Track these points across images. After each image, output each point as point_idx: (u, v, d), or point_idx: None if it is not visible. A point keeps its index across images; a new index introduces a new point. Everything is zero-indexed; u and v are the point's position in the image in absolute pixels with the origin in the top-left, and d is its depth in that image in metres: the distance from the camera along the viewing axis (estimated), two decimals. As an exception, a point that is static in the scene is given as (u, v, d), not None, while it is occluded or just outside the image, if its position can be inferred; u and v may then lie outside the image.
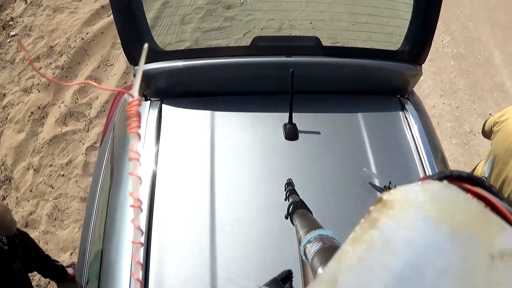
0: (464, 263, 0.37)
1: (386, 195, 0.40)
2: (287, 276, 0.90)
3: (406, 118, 2.21)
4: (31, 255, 2.92)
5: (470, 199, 0.41)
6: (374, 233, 0.38)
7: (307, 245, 1.02)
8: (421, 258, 0.37)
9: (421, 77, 2.36)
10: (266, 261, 1.72)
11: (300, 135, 2.06)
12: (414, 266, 0.36)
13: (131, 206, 0.49)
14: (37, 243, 3.23)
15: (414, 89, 2.42)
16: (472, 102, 4.89)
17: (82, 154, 4.35)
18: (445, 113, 4.78)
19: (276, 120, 2.11)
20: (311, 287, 0.38)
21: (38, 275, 3.59)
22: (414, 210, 0.38)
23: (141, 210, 0.49)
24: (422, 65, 2.23)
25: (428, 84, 5.00)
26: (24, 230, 3.39)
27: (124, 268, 1.67)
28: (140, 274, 0.46)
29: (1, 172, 4.23)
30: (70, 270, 3.64)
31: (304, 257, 1.04)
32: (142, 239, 1.39)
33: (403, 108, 2.26)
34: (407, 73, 2.23)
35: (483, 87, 5.01)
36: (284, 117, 2.07)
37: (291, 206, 1.41)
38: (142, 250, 0.43)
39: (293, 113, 2.03)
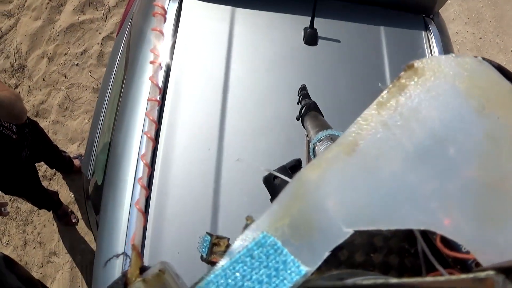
0: (489, 142, 0.36)
1: (418, 62, 0.38)
2: (296, 165, 0.90)
3: (428, 38, 2.16)
4: (40, 145, 2.95)
5: (503, 78, 0.39)
6: (401, 99, 0.37)
7: (317, 143, 1.02)
8: (446, 131, 0.36)
9: (448, 1, 2.28)
10: (275, 154, 1.75)
11: (319, 41, 2.02)
12: (438, 138, 0.35)
13: (151, 62, 0.48)
14: (46, 132, 3.25)
15: (440, 11, 2.35)
16: (495, 36, 4.75)
17: (98, 43, 4.31)
18: (467, 42, 4.66)
19: (297, 23, 2.06)
20: (330, 149, 0.37)
21: (45, 166, 3.66)
22: (446, 81, 0.37)
23: (161, 68, 0.47)
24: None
25: (455, 10, 4.85)
26: (35, 119, 3.41)
27: (132, 158, 1.69)
28: (153, 133, 0.45)
29: (15, 60, 4.21)
30: (76, 162, 3.69)
31: (312, 156, 1.04)
32: (159, 98, 1.38)
33: (426, 28, 2.20)
34: (435, -8, 2.16)
35: (509, 23, 4.85)
36: (305, 21, 2.02)
37: (304, 108, 1.40)
38: (157, 108, 0.42)
39: (315, 18, 1.98)
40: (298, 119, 1.41)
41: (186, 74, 1.89)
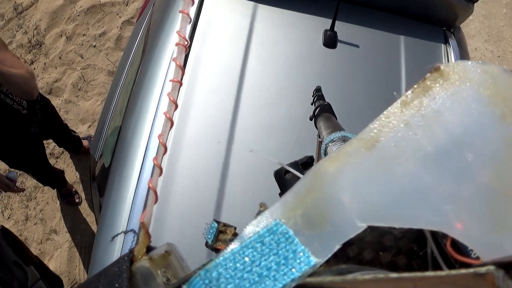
0: (507, 151, 0.36)
1: (444, 65, 0.38)
2: (308, 162, 0.90)
3: (447, 52, 2.16)
4: (49, 123, 2.96)
5: (528, 90, 0.39)
6: (425, 100, 0.37)
7: (330, 144, 1.02)
8: (466, 135, 0.36)
9: (470, 17, 2.29)
10: (284, 152, 1.75)
11: (338, 44, 2.02)
12: (458, 142, 0.36)
13: (177, 44, 0.48)
14: (58, 111, 3.26)
15: (461, 26, 2.35)
16: (515, 56, 4.75)
17: (117, 27, 4.32)
18: (485, 59, 4.64)
19: (317, 25, 2.06)
20: (350, 143, 0.38)
21: (53, 144, 3.67)
22: (470, 87, 0.37)
23: (186, 50, 0.48)
24: (475, 4, 2.15)
25: (476, 26, 4.84)
26: (48, 96, 3.43)
27: (141, 143, 1.70)
28: (172, 113, 0.46)
29: (33, 36, 4.23)
30: (85, 142, 3.71)
31: (323, 156, 1.04)
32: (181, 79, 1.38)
33: (446, 42, 2.21)
34: (458, 6, 2.15)
35: (529, 44, 4.85)
36: (326, 23, 2.02)
37: (318, 109, 1.40)
38: (177, 90, 0.42)
39: (336, 21, 1.97)
40: (311, 119, 1.41)
41: (203, 63, 1.89)
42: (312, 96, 1.62)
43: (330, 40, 2.00)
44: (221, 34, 1.97)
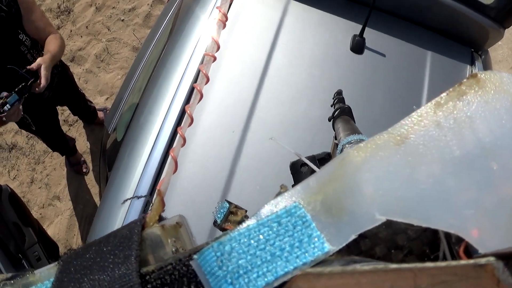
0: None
1: (481, 73, 0.39)
2: (325, 158, 0.91)
3: (472, 73, 2.15)
4: (64, 90, 2.96)
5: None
6: (459, 104, 0.37)
7: (347, 145, 1.02)
8: (495, 145, 0.36)
9: (499, 42, 2.28)
10: (298, 151, 1.76)
11: (365, 51, 2.02)
12: (485, 150, 0.36)
13: (214, 19, 0.48)
14: (77, 80, 3.27)
15: (489, 50, 2.34)
16: (539, 88, 4.71)
17: (148, 4, 4.33)
18: (508, 86, 4.61)
19: (347, 28, 2.06)
20: (380, 136, 0.38)
21: (68, 111, 3.68)
22: (504, 98, 0.37)
23: (224, 26, 0.48)
24: (506, 30, 2.15)
25: (503, 52, 4.81)
26: (69, 64, 3.45)
27: (157, 120, 1.70)
28: (203, 86, 0.46)
29: (63, 2, 4.25)
30: (100, 114, 3.72)
31: (339, 157, 1.04)
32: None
33: (472, 63, 2.20)
34: (489, 30, 2.15)
35: (554, 76, 4.80)
36: (356, 28, 2.02)
37: (338, 110, 1.40)
38: (210, 64, 0.42)
39: (366, 27, 1.97)
40: (329, 120, 1.41)
41: (228, 52, 1.90)
42: (333, 98, 1.62)
43: (358, 46, 2.00)
44: (250, 25, 1.98)
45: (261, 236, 0.37)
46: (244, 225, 0.37)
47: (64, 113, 3.74)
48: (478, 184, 0.35)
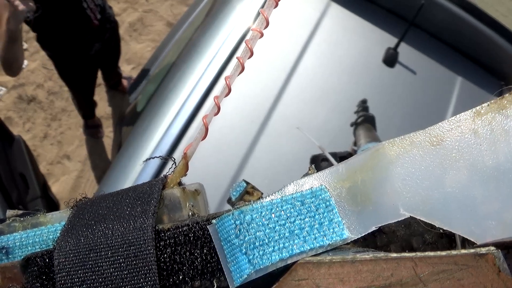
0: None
1: (524, 91, 0.39)
2: (346, 156, 0.91)
3: (516, 89, 2.14)
4: (112, 46, 3.01)
5: None
6: (498, 117, 0.38)
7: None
8: (527, 163, 0.36)
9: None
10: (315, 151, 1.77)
11: (397, 65, 2.01)
12: (516, 167, 0.36)
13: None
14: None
15: (519, 86, 2.33)
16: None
17: (189, -18, 4.33)
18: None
19: (382, 40, 2.06)
20: (417, 134, 0.39)
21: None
22: (545, 119, 0.38)
23: (276, 5, 0.49)
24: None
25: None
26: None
27: (180, 96, 1.71)
28: (245, 60, 0.47)
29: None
30: (124, 82, 3.74)
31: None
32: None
33: (500, 96, 2.18)
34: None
35: None
36: (391, 40, 2.02)
37: (362, 117, 1.41)
38: (257, 39, 0.43)
39: (401, 42, 1.97)
40: (351, 125, 1.42)
41: (262, 40, 1.90)
42: (357, 105, 1.63)
43: (391, 59, 1.99)
44: (286, 20, 1.98)
45: (282, 212, 0.37)
46: (268, 198, 0.38)
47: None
48: (504, 197, 0.35)
